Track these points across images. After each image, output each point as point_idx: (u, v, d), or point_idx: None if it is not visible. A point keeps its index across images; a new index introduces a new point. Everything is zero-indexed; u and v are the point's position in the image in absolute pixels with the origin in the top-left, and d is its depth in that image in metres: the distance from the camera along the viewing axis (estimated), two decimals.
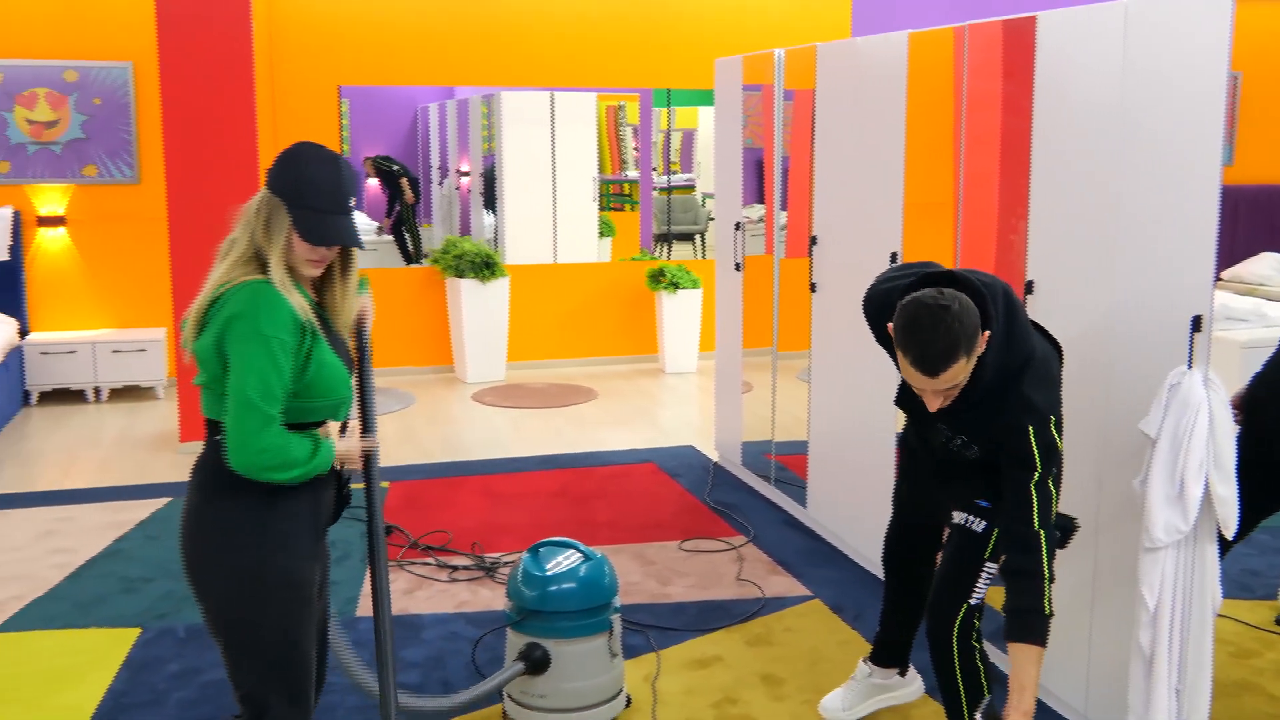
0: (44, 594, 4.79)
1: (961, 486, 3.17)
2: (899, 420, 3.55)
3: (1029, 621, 2.84)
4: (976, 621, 3.17)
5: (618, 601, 3.71)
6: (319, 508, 2.70)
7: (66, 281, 8.34)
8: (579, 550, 3.73)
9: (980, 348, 2.73)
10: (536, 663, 3.57)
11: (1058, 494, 2.91)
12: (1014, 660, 2.86)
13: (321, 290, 2.71)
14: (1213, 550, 3.08)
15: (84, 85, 8.17)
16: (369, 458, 2.82)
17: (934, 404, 2.80)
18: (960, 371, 2.71)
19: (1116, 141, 3.37)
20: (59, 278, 8.33)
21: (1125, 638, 3.33)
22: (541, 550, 3.76)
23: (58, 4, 8.06)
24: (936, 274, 2.88)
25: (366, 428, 2.87)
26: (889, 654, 3.74)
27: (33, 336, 8.12)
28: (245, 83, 6.70)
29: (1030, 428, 2.82)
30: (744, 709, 3.84)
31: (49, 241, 8.28)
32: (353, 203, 2.62)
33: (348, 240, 2.59)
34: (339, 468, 2.74)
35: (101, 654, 4.23)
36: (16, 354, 7.82)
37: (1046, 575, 2.84)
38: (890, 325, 2.80)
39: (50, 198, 8.23)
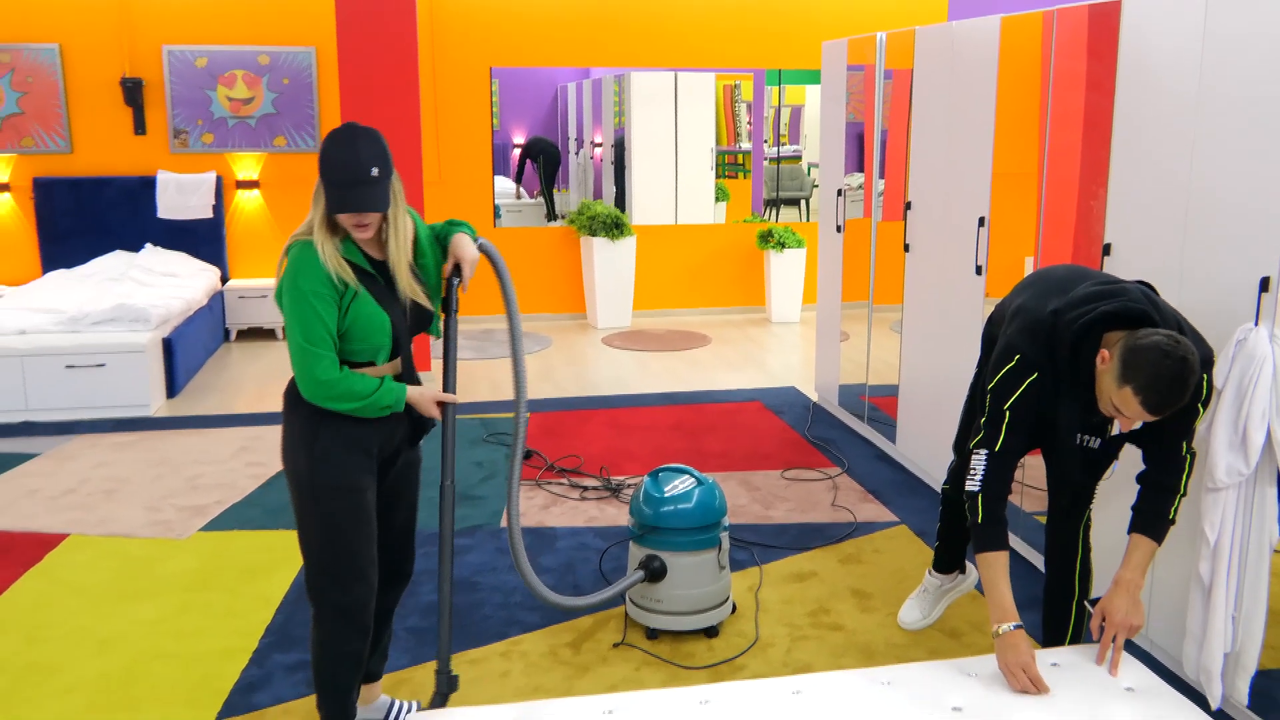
0: (240, 500, 4.99)
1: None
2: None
3: (1156, 523, 2.77)
4: (1090, 523, 3.12)
5: (726, 521, 3.73)
6: (376, 434, 2.78)
7: (259, 236, 8.60)
8: (693, 476, 3.75)
9: None
10: (655, 572, 3.60)
11: None
12: (1133, 549, 2.78)
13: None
14: (1272, 492, 2.97)
15: (275, 67, 8.35)
16: (445, 410, 2.84)
17: (1129, 426, 2.67)
18: None
19: (1193, 115, 3.22)
20: (253, 233, 8.59)
21: (1186, 569, 3.24)
22: (661, 475, 3.78)
23: None
24: (1116, 309, 2.65)
25: (446, 384, 2.88)
26: (952, 561, 3.74)
27: (232, 283, 8.39)
28: (410, 65, 6.79)
29: (1205, 377, 2.69)
30: (835, 619, 3.83)
31: (245, 202, 8.53)
32: (375, 172, 2.60)
33: (358, 206, 2.61)
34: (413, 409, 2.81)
35: (287, 553, 4.39)
36: (219, 298, 8.11)
37: (1183, 491, 2.77)
38: (1106, 356, 2.60)
39: (246, 164, 8.47)
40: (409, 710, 3.19)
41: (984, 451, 2.78)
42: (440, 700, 2.86)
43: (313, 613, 2.84)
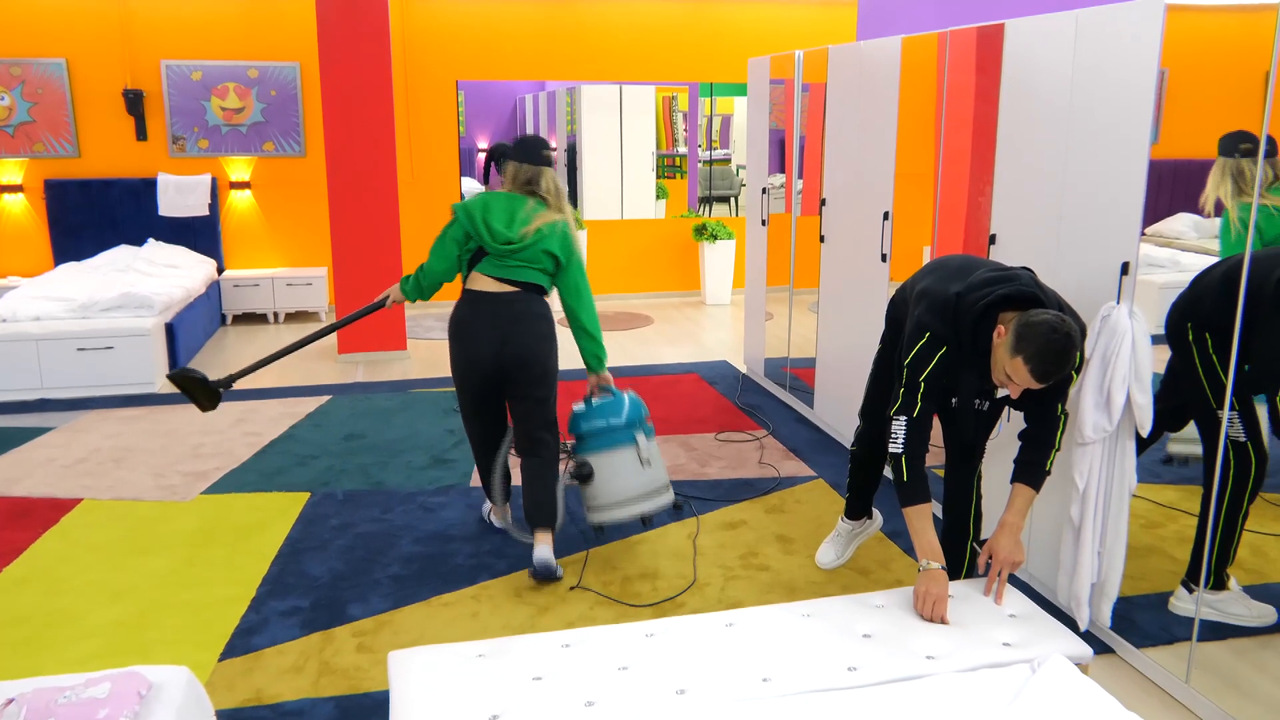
0: (238, 466, 4.91)
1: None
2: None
3: (1034, 473, 2.81)
4: (980, 475, 3.16)
5: (649, 426, 3.74)
6: None
7: (251, 232, 8.43)
8: (614, 393, 3.77)
9: None
10: (584, 476, 3.66)
11: None
12: (1015, 496, 2.82)
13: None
14: (1131, 446, 3.04)
15: (263, 80, 8.17)
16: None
17: (1016, 392, 2.69)
18: None
19: (1066, 123, 3.27)
20: (246, 229, 8.42)
21: (1059, 512, 3.31)
22: (587, 399, 3.81)
23: (244, 18, 8.05)
24: (1010, 293, 2.68)
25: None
26: (861, 509, 3.77)
27: (228, 273, 8.23)
28: (384, 79, 6.67)
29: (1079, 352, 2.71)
30: (763, 560, 3.87)
31: (238, 201, 8.35)
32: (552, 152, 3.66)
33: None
34: None
35: (281, 511, 4.34)
36: (215, 287, 7.94)
37: (1057, 446, 2.81)
38: (1002, 331, 2.64)
39: (239, 167, 8.29)
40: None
41: (904, 417, 2.77)
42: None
43: (550, 443, 3.71)
